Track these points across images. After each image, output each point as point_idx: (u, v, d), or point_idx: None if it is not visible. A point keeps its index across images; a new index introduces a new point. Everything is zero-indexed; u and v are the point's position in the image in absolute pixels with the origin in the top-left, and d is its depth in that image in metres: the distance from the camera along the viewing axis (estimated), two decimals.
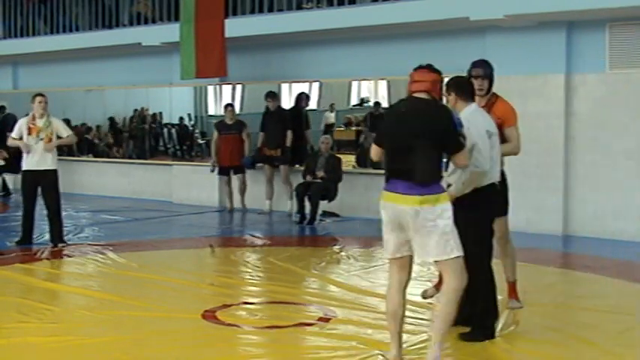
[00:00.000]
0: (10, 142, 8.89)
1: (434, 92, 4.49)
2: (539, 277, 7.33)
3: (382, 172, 10.32)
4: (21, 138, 8.59)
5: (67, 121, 15.06)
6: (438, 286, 5.28)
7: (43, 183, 8.56)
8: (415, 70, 4.63)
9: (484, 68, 5.68)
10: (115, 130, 15.45)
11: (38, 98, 8.53)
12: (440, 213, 4.19)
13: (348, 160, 11.85)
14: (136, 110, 15.11)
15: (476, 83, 5.43)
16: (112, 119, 15.46)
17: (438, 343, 4.29)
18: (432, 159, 4.25)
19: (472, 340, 4.97)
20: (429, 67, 4.64)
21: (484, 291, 4.99)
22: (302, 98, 11.80)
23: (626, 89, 9.27)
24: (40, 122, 8.49)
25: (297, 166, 11.50)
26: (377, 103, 11.98)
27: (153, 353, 4.83)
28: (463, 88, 5.06)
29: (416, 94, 4.48)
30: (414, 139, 4.24)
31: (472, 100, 5.04)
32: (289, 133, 11.33)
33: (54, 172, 8.55)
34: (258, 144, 11.64)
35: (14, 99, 15.57)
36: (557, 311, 6.10)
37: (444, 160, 4.52)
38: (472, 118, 4.88)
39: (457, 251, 4.25)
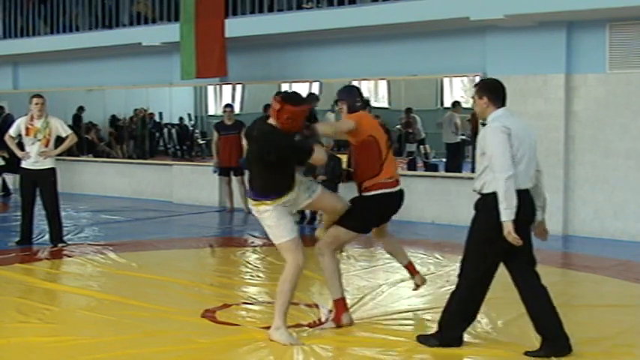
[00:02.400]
0: (7, 140, 8.83)
1: (278, 120, 5.03)
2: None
3: None
4: (19, 136, 8.59)
5: (78, 120, 15.17)
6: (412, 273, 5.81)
7: (41, 182, 8.54)
8: (274, 95, 5.17)
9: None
10: (117, 128, 15.45)
11: (35, 100, 8.50)
12: (262, 213, 5.15)
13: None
14: (134, 113, 15.14)
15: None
16: (113, 117, 15.47)
17: (277, 316, 5.05)
18: (263, 177, 5.07)
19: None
20: (280, 96, 5.09)
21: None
22: (312, 99, 11.77)
23: (626, 89, 9.27)
24: (37, 123, 8.47)
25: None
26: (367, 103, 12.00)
27: (153, 353, 4.83)
28: (496, 91, 4.76)
29: (270, 118, 5.14)
30: (254, 159, 5.10)
31: (503, 104, 4.76)
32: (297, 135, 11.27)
33: (52, 170, 8.52)
34: None
35: (14, 99, 15.57)
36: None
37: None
38: (508, 122, 4.65)
39: (281, 238, 5.17)
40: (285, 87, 12.40)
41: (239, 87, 13.09)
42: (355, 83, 12.16)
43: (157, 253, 8.61)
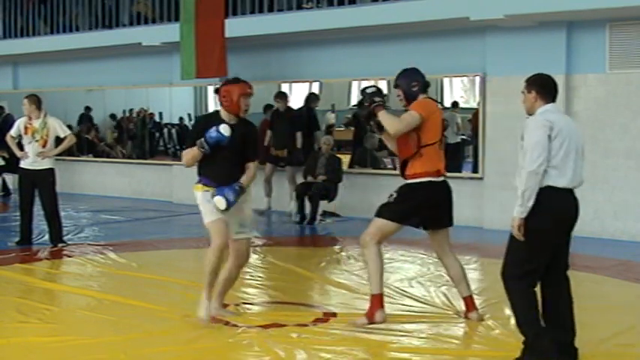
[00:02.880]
0: (8, 140, 8.84)
1: (221, 103, 5.45)
2: None
3: (382, 172, 10.48)
4: (20, 137, 8.60)
5: (88, 119, 15.16)
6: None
7: (39, 182, 8.53)
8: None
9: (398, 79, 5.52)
10: (119, 127, 15.45)
11: (24, 101, 8.53)
12: (195, 194, 5.46)
13: (347, 161, 11.84)
14: (131, 110, 15.15)
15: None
16: (114, 116, 15.46)
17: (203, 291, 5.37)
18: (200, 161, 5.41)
19: None
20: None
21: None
22: (312, 98, 11.78)
23: (626, 89, 9.27)
24: (35, 123, 8.46)
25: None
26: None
27: (152, 353, 4.83)
28: (547, 86, 4.59)
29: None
30: None
31: (553, 100, 4.58)
32: (299, 135, 11.29)
33: (50, 171, 8.51)
34: (265, 143, 11.58)
35: (14, 99, 15.55)
36: None
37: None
38: (553, 117, 4.46)
39: (206, 218, 5.40)
40: (285, 87, 12.41)
41: None
42: (355, 83, 12.22)
43: (157, 253, 8.61)
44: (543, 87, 4.59)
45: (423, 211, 5.34)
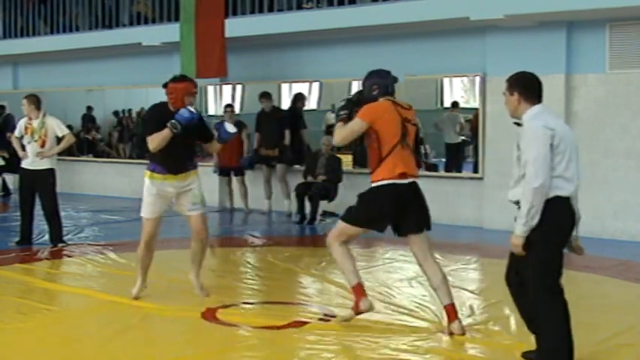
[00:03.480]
0: (13, 141, 8.88)
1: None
2: None
3: None
4: (22, 137, 8.60)
5: (90, 119, 15.16)
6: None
7: (39, 182, 8.53)
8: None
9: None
10: (121, 125, 15.44)
11: (23, 101, 8.54)
12: (144, 180, 6.07)
13: (347, 160, 11.84)
14: (130, 110, 15.14)
15: None
16: (116, 113, 15.45)
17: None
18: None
19: None
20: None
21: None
22: (299, 98, 11.83)
23: (626, 89, 9.27)
24: (35, 123, 8.46)
25: (296, 166, 11.49)
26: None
27: (152, 353, 4.83)
28: (530, 86, 4.39)
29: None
30: None
31: (539, 100, 4.36)
32: (287, 133, 11.35)
33: (50, 171, 8.50)
34: (254, 145, 11.65)
35: (14, 99, 15.54)
36: None
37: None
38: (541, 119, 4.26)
39: (141, 212, 6.25)
40: (285, 87, 12.41)
41: (239, 87, 13.09)
42: (355, 83, 12.21)
43: (157, 253, 8.55)
44: (527, 87, 4.36)
45: (387, 214, 5.18)
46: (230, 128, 6.09)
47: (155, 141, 5.77)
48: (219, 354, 4.89)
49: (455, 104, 11.54)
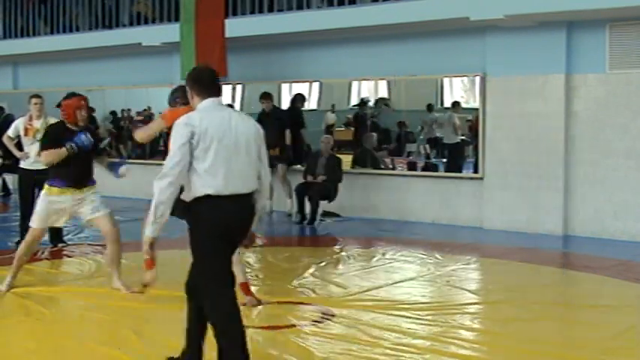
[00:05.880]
0: (5, 141, 8.80)
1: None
2: (539, 277, 7.34)
3: (382, 172, 10.42)
4: (18, 137, 8.56)
5: (92, 120, 15.09)
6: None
7: (40, 182, 8.50)
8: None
9: None
10: (117, 127, 15.43)
11: (34, 100, 8.48)
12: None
13: (347, 160, 11.84)
14: (129, 110, 15.13)
15: None
16: (114, 113, 15.45)
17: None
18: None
19: None
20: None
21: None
22: (298, 99, 11.83)
23: (626, 89, 9.27)
24: (37, 123, 8.43)
25: (297, 166, 11.49)
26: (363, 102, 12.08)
27: (152, 353, 4.83)
28: (199, 80, 4.22)
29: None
30: None
31: (214, 95, 4.20)
32: (288, 133, 11.36)
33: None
34: None
35: (14, 99, 15.55)
36: (557, 311, 6.11)
37: None
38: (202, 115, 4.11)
39: (32, 222, 6.44)
40: (285, 87, 12.41)
41: (239, 87, 13.09)
42: (355, 83, 12.22)
43: (157, 253, 8.58)
44: (196, 81, 4.22)
45: None
46: (86, 141, 6.45)
47: (50, 157, 6.30)
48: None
49: (455, 104, 11.54)
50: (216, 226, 4.07)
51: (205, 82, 4.21)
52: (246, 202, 4.20)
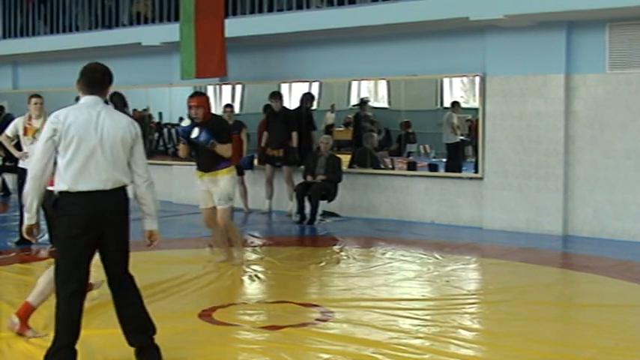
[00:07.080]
0: (2, 140, 8.77)
1: None
2: (539, 277, 7.33)
3: (382, 172, 10.43)
4: (17, 136, 8.54)
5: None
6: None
7: None
8: None
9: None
10: None
11: (33, 100, 8.46)
12: None
13: (347, 160, 11.84)
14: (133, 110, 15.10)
15: None
16: None
17: None
18: None
19: None
20: None
21: None
22: (306, 99, 11.79)
23: (626, 89, 9.27)
24: (36, 123, 8.41)
25: (302, 167, 11.46)
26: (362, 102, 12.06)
27: None
28: (83, 76, 4.56)
29: None
30: None
31: (96, 93, 4.42)
32: (294, 134, 11.32)
33: None
34: (262, 144, 11.63)
35: (14, 99, 15.56)
36: (557, 311, 6.10)
37: None
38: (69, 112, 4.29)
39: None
40: (285, 87, 12.40)
41: (239, 87, 13.09)
42: (355, 83, 12.21)
43: (157, 253, 8.58)
44: (81, 78, 4.47)
45: None
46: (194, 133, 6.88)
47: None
48: (219, 354, 4.89)
49: (455, 104, 11.53)
50: (71, 220, 4.23)
51: (87, 79, 4.45)
52: (105, 198, 4.32)
